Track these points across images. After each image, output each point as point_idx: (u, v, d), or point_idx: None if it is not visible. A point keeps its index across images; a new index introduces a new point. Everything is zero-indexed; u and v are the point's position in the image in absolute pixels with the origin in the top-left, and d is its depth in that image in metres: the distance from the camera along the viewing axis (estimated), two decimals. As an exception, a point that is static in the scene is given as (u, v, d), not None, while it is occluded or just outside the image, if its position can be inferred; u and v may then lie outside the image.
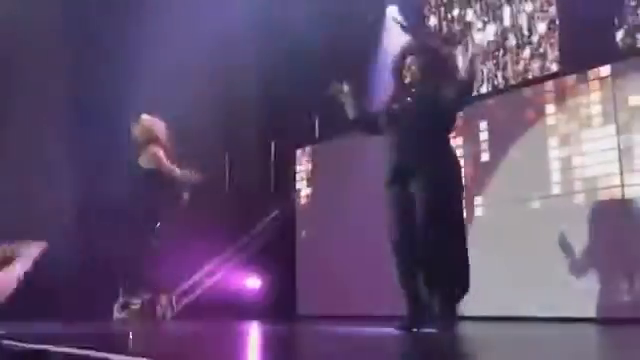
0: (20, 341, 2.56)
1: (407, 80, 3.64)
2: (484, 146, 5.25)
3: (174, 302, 5.73)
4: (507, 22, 5.87)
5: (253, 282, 6.94)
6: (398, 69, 3.69)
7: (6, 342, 2.51)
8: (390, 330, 3.42)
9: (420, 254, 3.34)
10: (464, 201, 3.80)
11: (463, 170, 5.28)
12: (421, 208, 3.35)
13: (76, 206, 6.87)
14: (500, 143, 5.15)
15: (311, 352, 2.64)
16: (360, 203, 5.78)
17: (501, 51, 5.90)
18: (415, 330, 3.40)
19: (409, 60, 3.64)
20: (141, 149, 5.24)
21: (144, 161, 5.19)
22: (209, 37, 6.73)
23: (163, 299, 6.25)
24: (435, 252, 3.31)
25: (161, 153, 5.18)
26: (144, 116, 5.38)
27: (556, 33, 5.47)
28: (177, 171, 5.23)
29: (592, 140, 4.60)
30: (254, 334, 3.90)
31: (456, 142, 5.38)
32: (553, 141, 4.81)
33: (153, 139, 5.24)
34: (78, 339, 2.91)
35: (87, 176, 6.63)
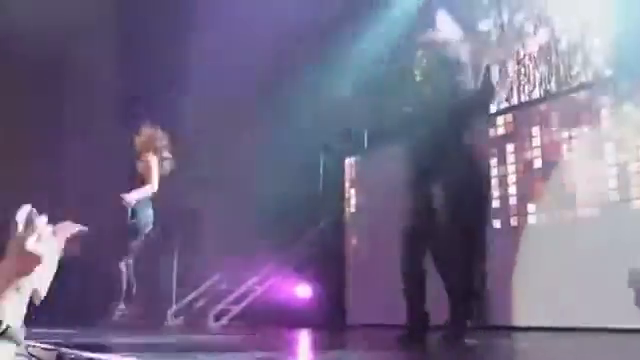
0: (81, 349, 2.61)
1: (418, 78, 3.48)
2: (537, 152, 5.14)
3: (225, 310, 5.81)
4: (559, 26, 5.74)
5: (303, 291, 6.95)
6: (407, 66, 3.53)
7: (65, 350, 2.57)
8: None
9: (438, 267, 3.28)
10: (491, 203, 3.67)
11: (515, 176, 5.22)
12: (441, 216, 3.26)
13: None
14: (554, 149, 5.03)
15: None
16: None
17: (553, 55, 5.77)
18: (416, 340, 3.32)
19: (419, 55, 3.49)
20: (139, 157, 5.43)
21: (140, 167, 5.35)
22: (261, 46, 6.81)
23: (215, 307, 6.34)
24: (450, 265, 3.24)
25: (154, 163, 5.33)
26: (145, 127, 5.55)
27: (610, 36, 5.32)
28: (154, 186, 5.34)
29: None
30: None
31: (508, 148, 5.30)
32: (608, 146, 4.67)
33: (152, 148, 5.42)
34: (137, 348, 2.97)
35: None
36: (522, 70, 6.03)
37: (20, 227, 1.05)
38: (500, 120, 5.38)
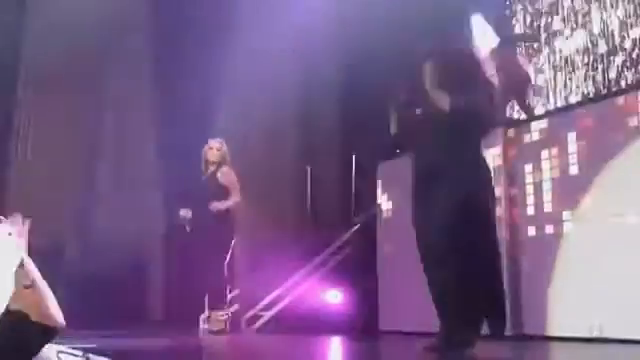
0: (107, 356, 2.64)
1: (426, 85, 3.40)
2: (573, 159, 5.02)
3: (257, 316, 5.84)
4: (596, 28, 5.62)
5: (334, 296, 6.93)
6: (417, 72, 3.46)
7: (93, 356, 2.59)
8: None
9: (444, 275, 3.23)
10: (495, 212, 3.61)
11: (550, 183, 5.10)
12: (445, 222, 3.22)
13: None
14: (591, 155, 4.91)
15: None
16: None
17: (591, 58, 5.65)
18: (446, 351, 3.25)
19: (427, 62, 3.42)
20: (216, 170, 5.56)
21: (225, 181, 5.48)
22: (289, 52, 6.81)
23: (248, 313, 6.36)
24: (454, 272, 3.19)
25: (235, 176, 5.53)
26: (213, 140, 5.71)
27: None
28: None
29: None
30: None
31: (543, 154, 5.19)
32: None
33: (225, 161, 5.58)
34: (166, 353, 2.98)
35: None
36: (558, 75, 5.92)
37: None
38: (535, 126, 5.27)
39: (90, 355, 2.57)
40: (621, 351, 3.77)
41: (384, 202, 6.79)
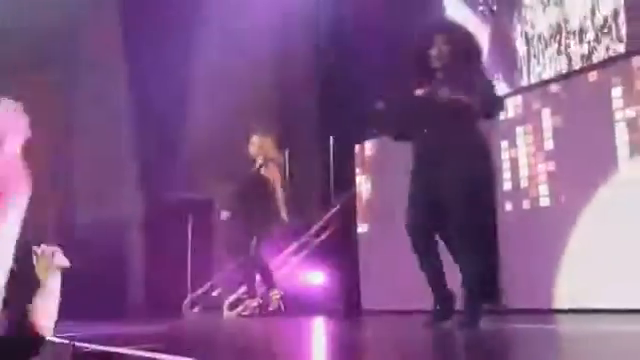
0: (93, 343, 2.64)
1: (435, 63, 3.35)
2: (548, 134, 5.09)
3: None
4: (569, 4, 5.68)
5: (316, 278, 6.97)
6: (423, 50, 3.38)
7: (80, 344, 2.59)
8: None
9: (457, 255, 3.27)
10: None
11: (526, 159, 5.18)
12: (451, 205, 3.22)
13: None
14: (565, 130, 4.98)
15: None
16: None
17: (563, 34, 5.71)
18: (442, 324, 3.32)
19: (439, 40, 3.35)
20: (263, 166, 5.63)
21: (269, 175, 5.55)
22: (268, 33, 6.77)
23: (229, 297, 6.37)
24: (464, 254, 3.23)
25: (278, 174, 5.59)
26: (257, 136, 5.77)
27: (622, 13, 5.25)
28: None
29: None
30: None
31: (517, 130, 5.26)
32: (620, 126, 4.61)
33: (270, 158, 5.66)
34: (149, 340, 2.98)
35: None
36: (531, 51, 5.98)
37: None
38: (510, 102, 5.33)
39: (76, 343, 2.57)
40: (593, 320, 3.86)
41: (363, 182, 6.83)
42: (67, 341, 2.57)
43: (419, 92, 3.39)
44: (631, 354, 2.09)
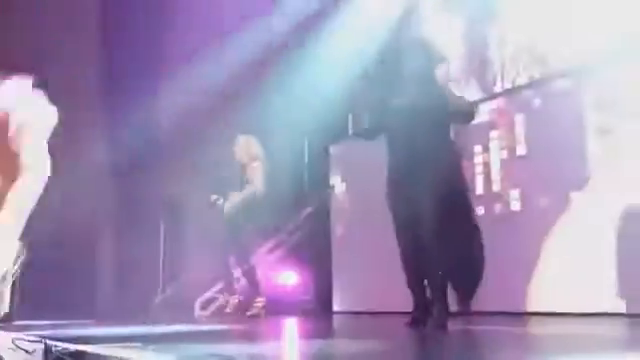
0: (66, 342, 2.61)
1: (409, 72, 3.45)
2: (520, 139, 5.16)
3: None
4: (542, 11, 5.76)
5: (289, 278, 6.98)
6: (396, 60, 3.50)
7: (52, 342, 2.56)
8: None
9: (429, 262, 3.34)
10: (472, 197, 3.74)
11: (499, 163, 5.25)
12: (428, 215, 3.30)
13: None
14: (537, 135, 5.06)
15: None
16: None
17: (537, 41, 5.78)
18: (422, 326, 3.41)
19: (410, 49, 3.48)
20: (246, 168, 5.64)
21: (250, 177, 5.55)
22: (243, 26, 6.76)
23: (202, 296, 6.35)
24: (443, 259, 3.30)
25: (260, 172, 5.58)
26: (243, 137, 5.78)
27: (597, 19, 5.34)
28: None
29: (632, 132, 4.49)
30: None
31: (491, 134, 5.32)
32: (591, 133, 4.70)
33: (254, 157, 5.67)
34: (120, 339, 2.96)
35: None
36: (506, 56, 6.05)
37: None
38: (484, 107, 5.40)
39: (47, 340, 2.54)
40: (559, 324, 3.94)
41: (337, 184, 6.86)
42: (39, 339, 2.54)
43: (395, 101, 3.46)
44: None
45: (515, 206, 5.14)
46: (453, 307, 3.53)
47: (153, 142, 6.74)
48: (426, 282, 3.43)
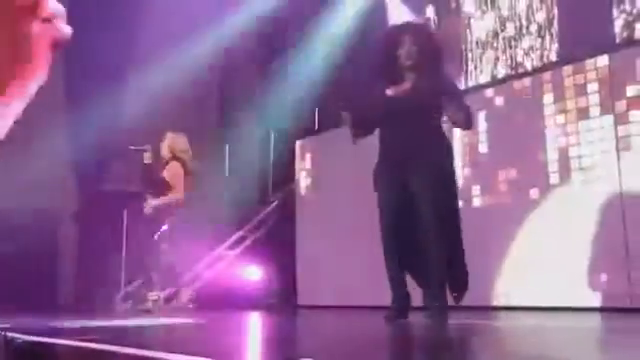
0: (27, 334, 2.58)
1: (406, 63, 3.39)
2: (482, 137, 5.26)
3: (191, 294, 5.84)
4: (506, 12, 5.87)
5: (253, 272, 6.97)
6: (393, 50, 3.42)
7: (12, 334, 2.53)
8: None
9: (423, 251, 3.28)
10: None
11: (461, 160, 5.34)
12: (424, 205, 3.24)
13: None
14: (498, 133, 5.16)
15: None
16: (360, 193, 5.79)
17: (500, 41, 5.89)
18: (402, 320, 3.33)
19: (407, 39, 3.39)
20: (166, 165, 5.52)
21: (168, 176, 5.44)
22: (207, 26, 6.72)
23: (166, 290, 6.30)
24: (438, 249, 3.26)
25: (181, 171, 5.43)
26: (170, 134, 5.66)
27: (555, 23, 5.47)
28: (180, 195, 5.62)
29: (590, 130, 4.61)
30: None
31: (454, 132, 5.40)
32: (551, 131, 4.82)
33: (176, 156, 5.53)
34: (82, 332, 2.93)
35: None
36: (470, 55, 6.15)
37: None
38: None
39: (7, 333, 2.51)
40: (526, 318, 4.02)
41: (302, 179, 6.87)
42: (-1, 331, 2.50)
43: (389, 92, 3.41)
44: (551, 346, 2.20)
45: (476, 202, 5.23)
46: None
47: (115, 140, 6.64)
48: (409, 274, 3.35)
